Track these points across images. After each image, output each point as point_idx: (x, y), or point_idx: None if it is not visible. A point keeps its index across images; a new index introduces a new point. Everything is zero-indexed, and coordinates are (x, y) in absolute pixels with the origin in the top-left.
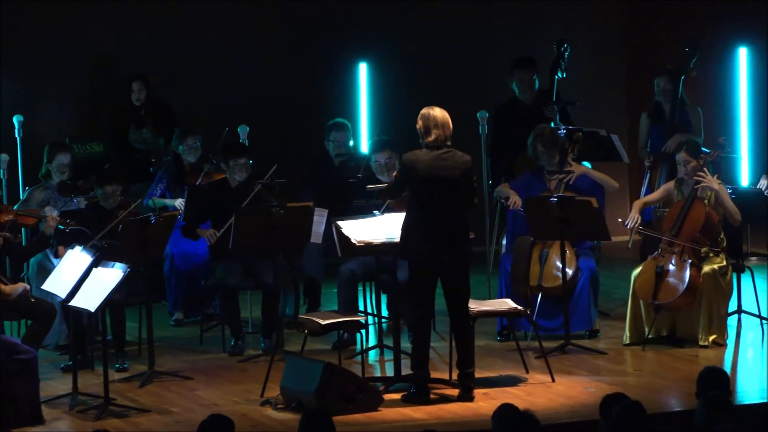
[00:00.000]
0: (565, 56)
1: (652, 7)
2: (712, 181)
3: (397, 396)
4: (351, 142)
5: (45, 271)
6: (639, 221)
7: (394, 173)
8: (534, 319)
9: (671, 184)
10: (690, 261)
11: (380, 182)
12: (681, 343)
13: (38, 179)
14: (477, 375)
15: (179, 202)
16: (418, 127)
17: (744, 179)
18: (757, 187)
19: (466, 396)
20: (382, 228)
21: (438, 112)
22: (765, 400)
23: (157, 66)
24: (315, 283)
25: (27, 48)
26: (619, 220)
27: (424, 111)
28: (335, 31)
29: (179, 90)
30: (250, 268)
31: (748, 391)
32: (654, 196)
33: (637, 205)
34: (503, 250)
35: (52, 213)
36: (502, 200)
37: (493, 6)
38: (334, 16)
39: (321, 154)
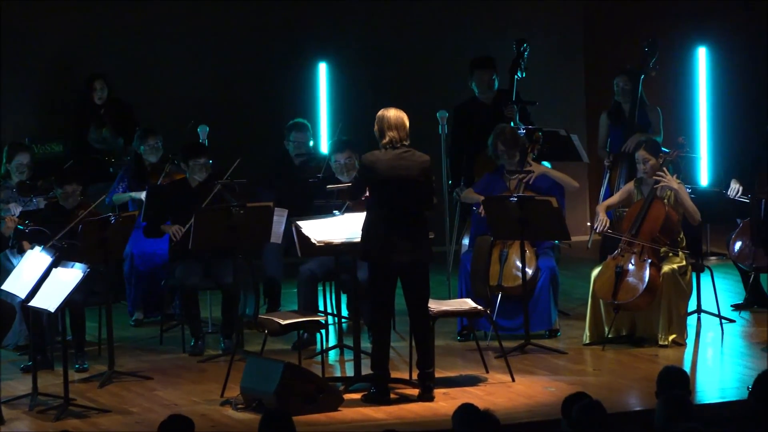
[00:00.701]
0: (525, 56)
1: (611, 7)
2: (671, 181)
3: (357, 396)
4: (311, 143)
5: (4, 271)
6: (608, 224)
7: (354, 174)
8: (494, 318)
9: (631, 184)
10: (650, 261)
11: (340, 182)
12: (641, 342)
13: None
14: (437, 375)
15: (144, 195)
16: (374, 130)
17: (704, 179)
18: (728, 192)
19: (426, 396)
20: (342, 228)
21: (392, 114)
22: (724, 400)
23: (116, 66)
24: (275, 283)
25: None
26: (588, 224)
27: (379, 114)
28: (295, 31)
29: (139, 90)
30: (209, 268)
31: (708, 390)
32: (615, 198)
33: (601, 208)
34: (464, 249)
35: (15, 211)
36: (473, 208)
37: (452, 6)
38: (294, 16)
39: (281, 154)
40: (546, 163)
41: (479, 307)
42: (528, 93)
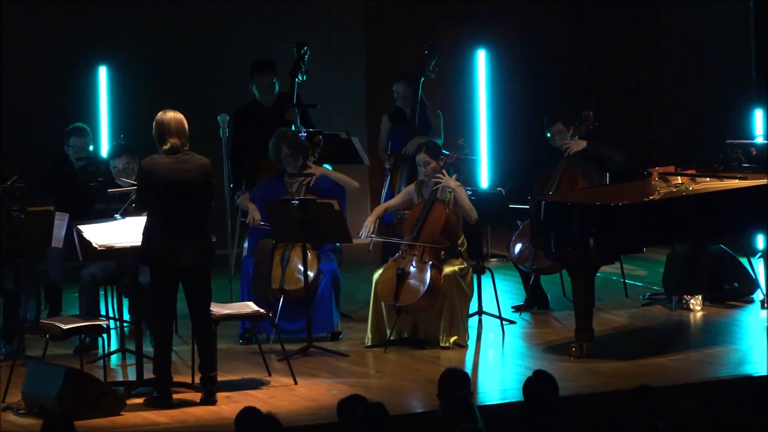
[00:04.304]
0: (305, 59)
1: (390, 9)
2: (449, 180)
3: (139, 400)
4: (91, 147)
5: None
6: (372, 230)
7: (135, 178)
8: (276, 321)
9: (411, 187)
10: (431, 263)
11: (121, 186)
12: (422, 344)
13: None
14: (219, 378)
15: None
16: (153, 133)
17: (484, 181)
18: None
19: (209, 399)
20: (123, 232)
21: (172, 119)
22: (506, 401)
23: None
24: (56, 288)
25: None
26: (358, 233)
27: (158, 117)
28: (74, 34)
29: None
30: None
31: (489, 391)
32: (395, 201)
33: (378, 210)
34: (245, 253)
35: None
36: (241, 219)
37: (232, 7)
38: (73, 20)
39: (61, 158)
40: (327, 166)
41: (261, 311)
42: (309, 95)
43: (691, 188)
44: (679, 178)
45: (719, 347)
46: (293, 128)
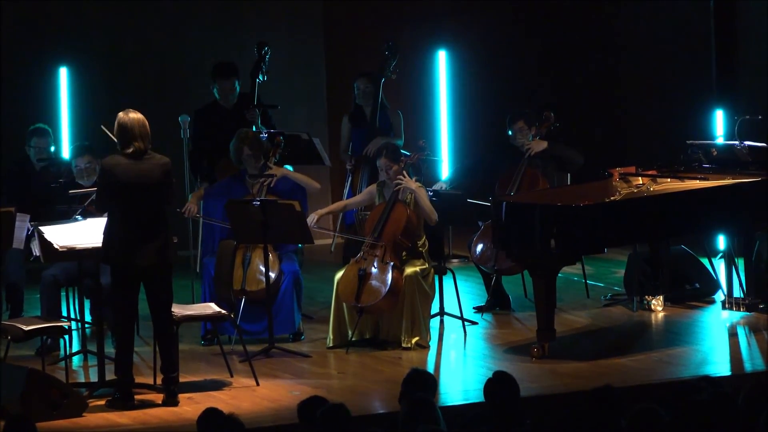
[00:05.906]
0: (266, 59)
1: (350, 9)
2: (409, 182)
3: (101, 401)
4: (52, 148)
5: None
6: (316, 220)
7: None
8: (238, 322)
9: (373, 187)
10: (392, 263)
11: (82, 187)
12: (384, 345)
13: None
14: (181, 379)
15: None
16: (115, 133)
17: None
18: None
19: (171, 401)
20: (84, 233)
21: (135, 123)
22: (468, 401)
23: None
24: (17, 289)
25: None
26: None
27: (120, 119)
28: (35, 35)
29: None
30: None
31: (451, 392)
32: (356, 199)
33: (337, 206)
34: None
35: None
36: (178, 208)
37: (193, 8)
38: (33, 20)
39: (22, 159)
40: (288, 167)
41: (223, 311)
42: (270, 96)
43: (652, 189)
44: (640, 178)
45: (680, 348)
46: (254, 129)
